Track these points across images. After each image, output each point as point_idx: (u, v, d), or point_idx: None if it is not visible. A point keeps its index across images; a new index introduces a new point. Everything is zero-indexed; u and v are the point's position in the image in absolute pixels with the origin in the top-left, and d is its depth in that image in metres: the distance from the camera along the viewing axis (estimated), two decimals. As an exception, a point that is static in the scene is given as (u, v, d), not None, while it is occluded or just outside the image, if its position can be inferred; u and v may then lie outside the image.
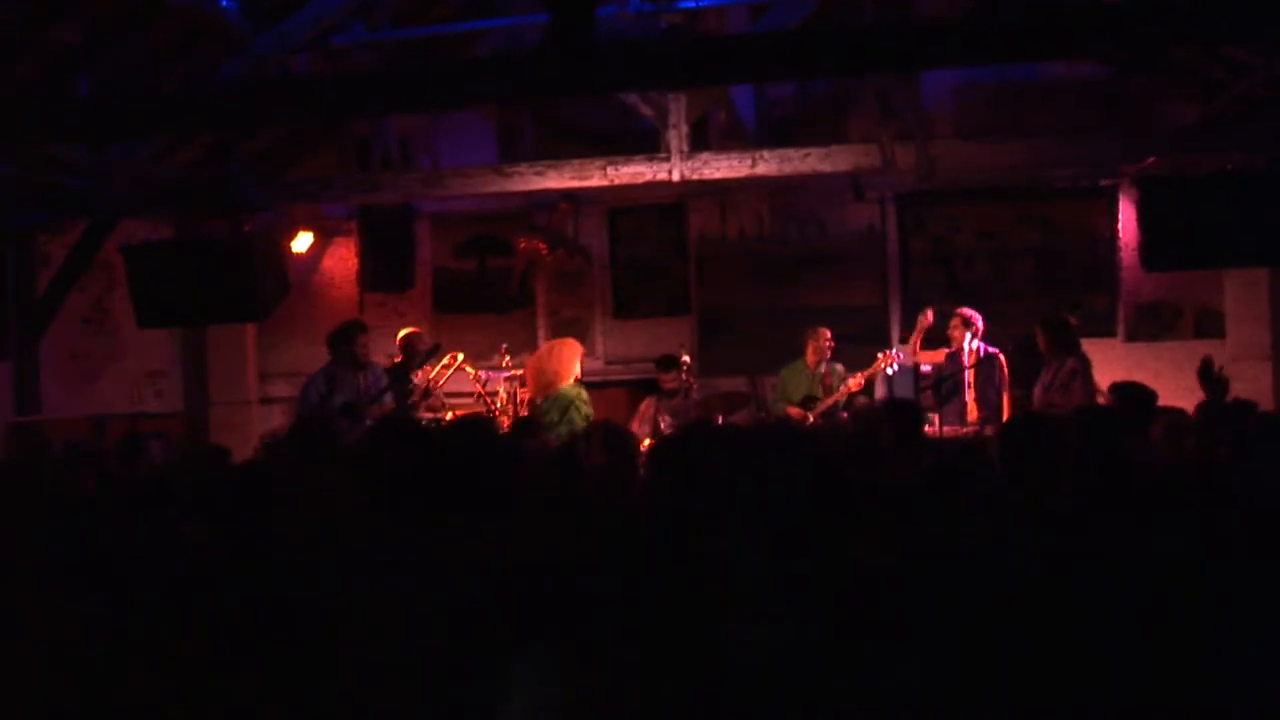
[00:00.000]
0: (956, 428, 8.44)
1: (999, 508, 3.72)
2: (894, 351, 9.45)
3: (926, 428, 7.25)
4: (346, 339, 8.54)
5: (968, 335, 8.90)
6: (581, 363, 9.15)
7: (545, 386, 8.83)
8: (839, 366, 9.50)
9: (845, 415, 8.86)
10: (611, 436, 5.74)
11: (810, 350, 9.51)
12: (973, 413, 8.70)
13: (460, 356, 9.29)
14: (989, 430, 8.10)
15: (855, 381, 9.21)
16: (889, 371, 9.33)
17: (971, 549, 3.08)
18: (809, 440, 3.10)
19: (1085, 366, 8.10)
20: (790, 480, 2.71)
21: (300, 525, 3.47)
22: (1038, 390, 8.22)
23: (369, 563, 3.07)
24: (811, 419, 9.10)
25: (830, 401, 9.21)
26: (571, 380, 8.90)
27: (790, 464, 2.75)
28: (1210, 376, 6.14)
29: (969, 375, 8.80)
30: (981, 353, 8.87)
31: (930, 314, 9.35)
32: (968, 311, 9.07)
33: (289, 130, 10.51)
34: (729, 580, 2.55)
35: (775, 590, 2.53)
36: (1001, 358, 8.89)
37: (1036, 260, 10.78)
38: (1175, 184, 7.25)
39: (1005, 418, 8.36)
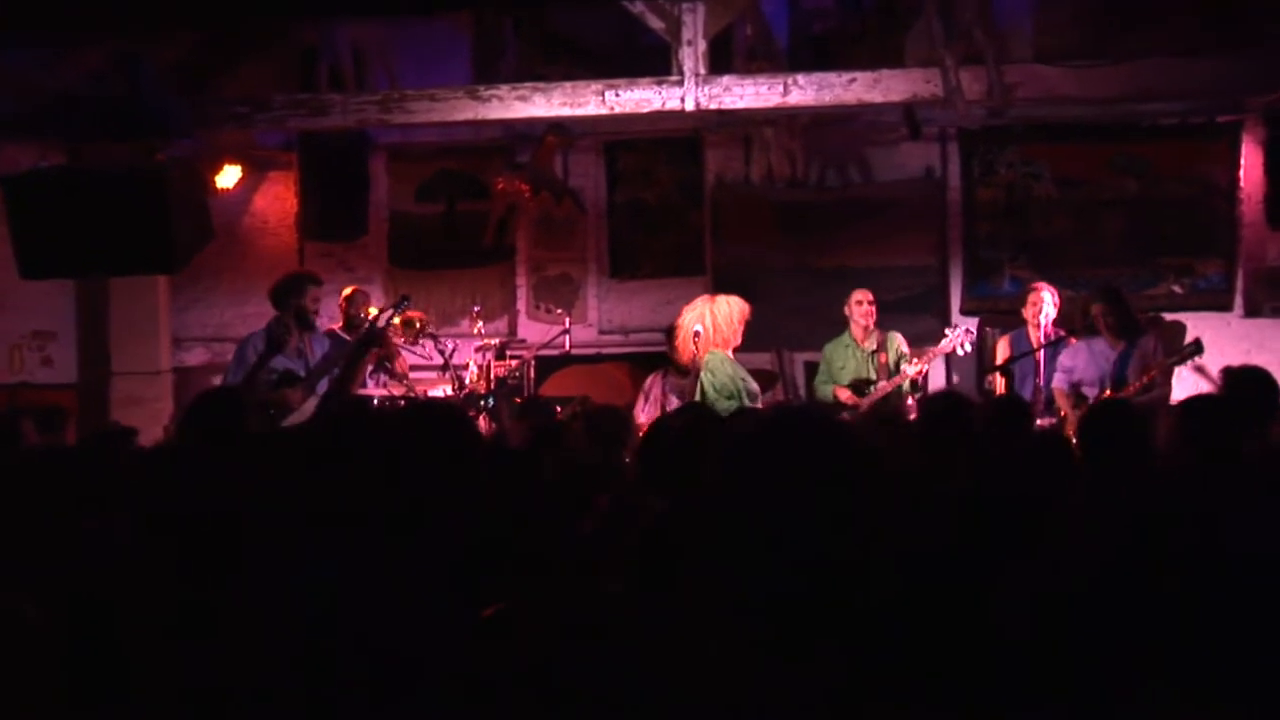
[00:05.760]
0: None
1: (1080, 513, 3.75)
2: (965, 327, 9.36)
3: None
4: (296, 291, 8.51)
5: (1043, 314, 9.01)
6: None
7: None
8: (898, 338, 9.39)
9: (913, 402, 8.79)
10: (595, 421, 5.79)
11: (852, 321, 9.40)
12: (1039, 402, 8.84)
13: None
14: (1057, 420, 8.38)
15: (919, 366, 9.15)
16: (960, 352, 9.36)
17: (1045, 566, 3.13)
18: (844, 431, 3.02)
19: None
20: (813, 481, 2.65)
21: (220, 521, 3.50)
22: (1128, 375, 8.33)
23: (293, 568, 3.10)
24: (865, 406, 9.02)
25: (889, 386, 9.10)
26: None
27: (814, 460, 2.69)
28: None
29: (1040, 357, 8.90)
30: (1052, 335, 9.00)
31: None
32: (1041, 285, 9.21)
33: (213, 35, 10.40)
34: (724, 594, 2.58)
35: (777, 609, 2.53)
36: (1072, 342, 8.97)
37: (1132, 214, 10.72)
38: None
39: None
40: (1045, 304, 9.04)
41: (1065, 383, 8.62)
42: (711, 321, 8.86)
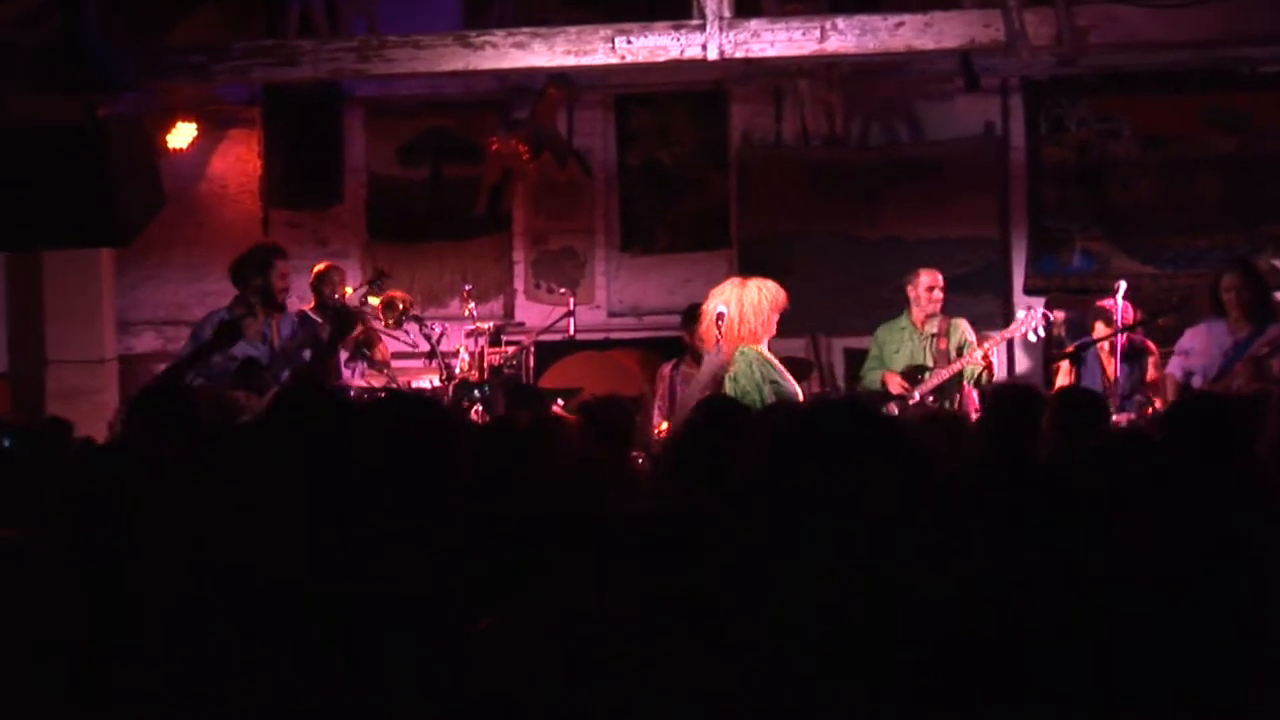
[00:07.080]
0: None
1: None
2: (1040, 310, 9.32)
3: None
4: (260, 267, 8.51)
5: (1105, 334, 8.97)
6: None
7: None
8: (964, 324, 9.43)
9: (974, 393, 9.01)
10: (597, 415, 5.80)
11: (914, 304, 9.41)
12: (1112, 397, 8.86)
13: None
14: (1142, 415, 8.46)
15: (985, 351, 9.13)
16: (1032, 338, 9.40)
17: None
18: (893, 427, 3.00)
19: None
20: (858, 481, 2.66)
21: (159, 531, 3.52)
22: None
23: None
24: (917, 396, 9.07)
25: (947, 374, 9.14)
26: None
27: (859, 458, 2.69)
28: None
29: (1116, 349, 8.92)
30: (1124, 345, 8.91)
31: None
32: (1105, 304, 9.06)
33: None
34: (755, 612, 2.61)
35: (813, 627, 2.57)
36: (1153, 353, 9.08)
37: (1227, 176, 10.72)
38: None
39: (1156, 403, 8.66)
40: (1102, 321, 8.96)
41: (1180, 369, 8.54)
42: (739, 310, 8.76)
